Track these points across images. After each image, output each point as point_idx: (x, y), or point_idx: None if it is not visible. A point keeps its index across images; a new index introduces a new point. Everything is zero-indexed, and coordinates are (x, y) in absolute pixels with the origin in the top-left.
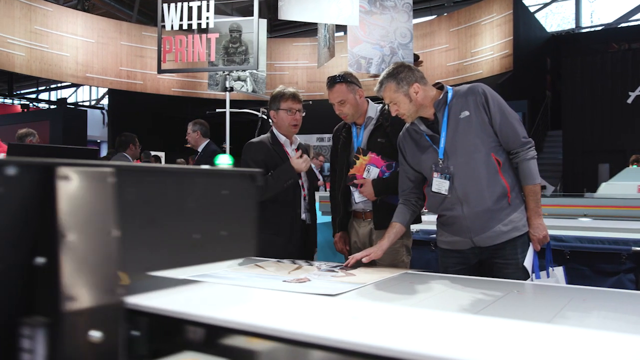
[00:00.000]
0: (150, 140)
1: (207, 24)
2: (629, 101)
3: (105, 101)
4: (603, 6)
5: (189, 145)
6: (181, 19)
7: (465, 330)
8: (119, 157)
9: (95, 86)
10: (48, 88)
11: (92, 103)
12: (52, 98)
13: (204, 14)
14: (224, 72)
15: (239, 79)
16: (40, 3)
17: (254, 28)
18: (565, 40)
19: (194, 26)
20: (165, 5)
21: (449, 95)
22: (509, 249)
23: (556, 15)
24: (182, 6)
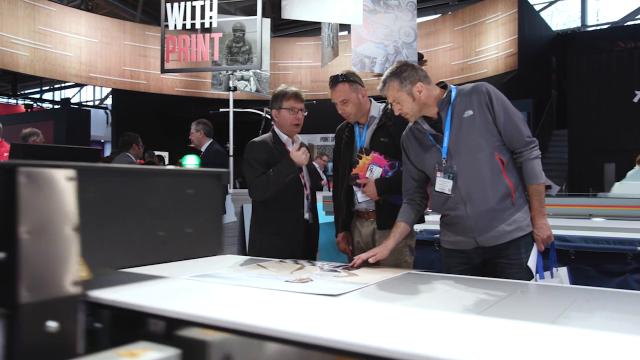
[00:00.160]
0: (154, 140)
1: (211, 23)
2: (635, 100)
3: (108, 101)
4: (609, 4)
5: (193, 144)
6: (184, 19)
7: (468, 330)
8: (122, 157)
9: (99, 86)
10: (52, 88)
11: (96, 103)
12: (56, 98)
13: (207, 13)
14: (227, 72)
15: (242, 78)
16: (44, 3)
17: (258, 27)
18: (571, 39)
19: (197, 26)
20: (168, 5)
21: (453, 94)
22: (512, 249)
23: (562, 13)
24: (186, 6)
